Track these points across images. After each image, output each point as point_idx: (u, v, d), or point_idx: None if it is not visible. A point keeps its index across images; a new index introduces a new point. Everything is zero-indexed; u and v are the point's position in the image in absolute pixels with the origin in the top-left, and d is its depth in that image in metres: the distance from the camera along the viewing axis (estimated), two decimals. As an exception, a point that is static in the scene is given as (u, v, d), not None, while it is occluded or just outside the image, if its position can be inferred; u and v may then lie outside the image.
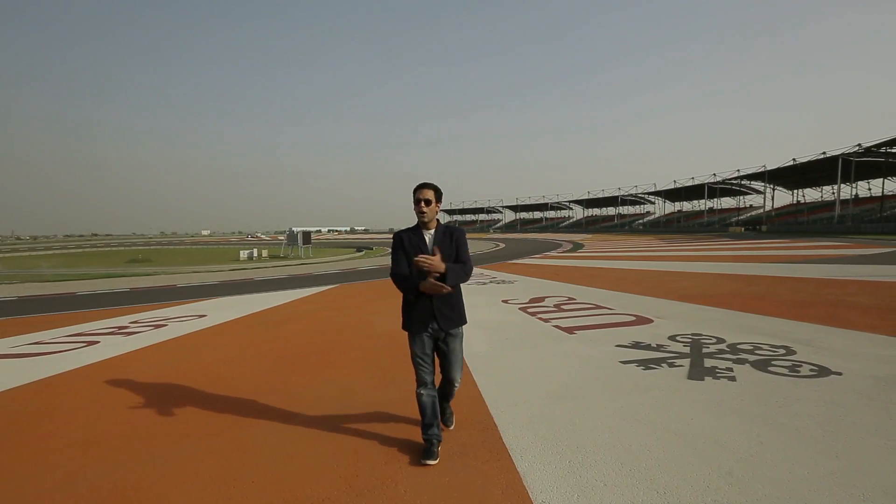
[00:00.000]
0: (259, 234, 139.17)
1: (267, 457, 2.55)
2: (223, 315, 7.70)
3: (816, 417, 2.76)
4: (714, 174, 63.31)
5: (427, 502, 2.06)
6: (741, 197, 70.39)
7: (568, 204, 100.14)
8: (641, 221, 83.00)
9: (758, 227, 51.39)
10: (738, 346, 4.42)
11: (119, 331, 6.58)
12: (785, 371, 3.64)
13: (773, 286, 8.74)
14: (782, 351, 4.22)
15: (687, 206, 79.71)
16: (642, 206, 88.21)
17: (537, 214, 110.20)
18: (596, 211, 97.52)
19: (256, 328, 6.60)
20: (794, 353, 4.16)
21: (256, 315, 7.72)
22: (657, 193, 78.95)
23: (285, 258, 31.01)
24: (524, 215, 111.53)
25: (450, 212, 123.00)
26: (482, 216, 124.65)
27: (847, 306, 6.35)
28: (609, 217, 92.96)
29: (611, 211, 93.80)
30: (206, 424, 3.05)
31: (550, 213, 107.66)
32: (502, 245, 37.64)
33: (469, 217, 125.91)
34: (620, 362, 4.06)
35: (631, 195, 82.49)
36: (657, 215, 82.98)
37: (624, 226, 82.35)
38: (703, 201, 71.50)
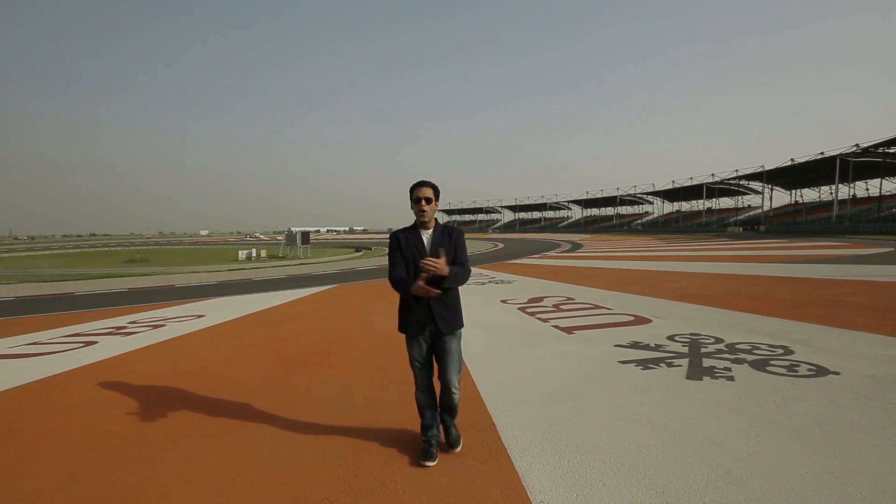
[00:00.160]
0: (258, 235, 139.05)
1: (266, 457, 2.55)
2: (222, 315, 7.69)
3: (815, 417, 2.77)
4: (712, 174, 63.41)
5: (426, 502, 2.06)
6: (739, 197, 70.56)
7: (566, 204, 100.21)
8: (640, 221, 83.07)
9: (756, 227, 51.48)
10: (737, 346, 4.43)
11: (117, 331, 6.57)
12: (783, 371, 3.65)
13: (772, 286, 8.76)
14: (780, 351, 4.23)
15: (685, 206, 79.84)
16: (641, 206, 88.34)
17: (536, 214, 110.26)
18: (594, 211, 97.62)
19: (255, 328, 6.59)
20: (792, 352, 4.16)
21: (255, 315, 7.71)
22: (656, 193, 79.06)
23: (284, 258, 30.98)
24: (523, 215, 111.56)
25: (448, 212, 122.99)
26: (481, 216, 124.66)
27: (845, 306, 6.37)
28: (608, 217, 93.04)
29: (609, 211, 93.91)
30: (204, 425, 3.05)
31: (549, 214, 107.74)
32: (501, 245, 37.67)
33: (468, 217, 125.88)
34: (619, 362, 4.07)
35: (629, 195, 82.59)
36: (656, 215, 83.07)
37: (623, 226, 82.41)
38: (701, 201, 71.63)
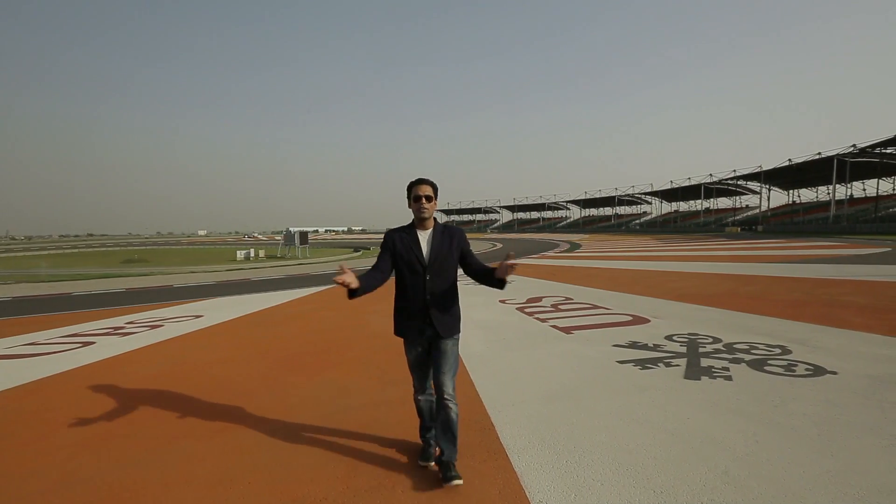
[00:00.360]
0: (256, 235, 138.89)
1: (264, 457, 2.54)
2: (220, 315, 7.67)
3: (812, 416, 2.78)
4: (711, 174, 63.60)
5: (425, 502, 2.06)
6: (737, 197, 70.77)
7: (565, 204, 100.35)
8: (638, 221, 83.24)
9: (754, 227, 51.62)
10: (735, 346, 4.44)
11: (115, 331, 6.55)
12: (781, 370, 3.66)
13: (769, 286, 8.78)
14: (778, 350, 4.24)
15: (683, 206, 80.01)
16: (639, 206, 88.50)
17: (534, 214, 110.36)
18: (593, 211, 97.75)
19: (254, 328, 6.58)
20: (789, 352, 4.18)
21: (254, 315, 7.70)
22: (654, 194, 79.22)
23: (282, 258, 30.94)
24: (521, 215, 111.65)
25: (447, 212, 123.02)
26: (479, 216, 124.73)
27: (842, 306, 6.39)
28: (606, 217, 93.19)
29: (608, 211, 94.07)
30: (202, 425, 3.04)
31: (548, 214, 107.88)
32: (499, 245, 37.69)
33: (466, 217, 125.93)
34: (617, 362, 4.07)
35: (628, 195, 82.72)
36: (654, 215, 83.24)
37: (621, 226, 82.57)
38: (699, 201, 71.83)
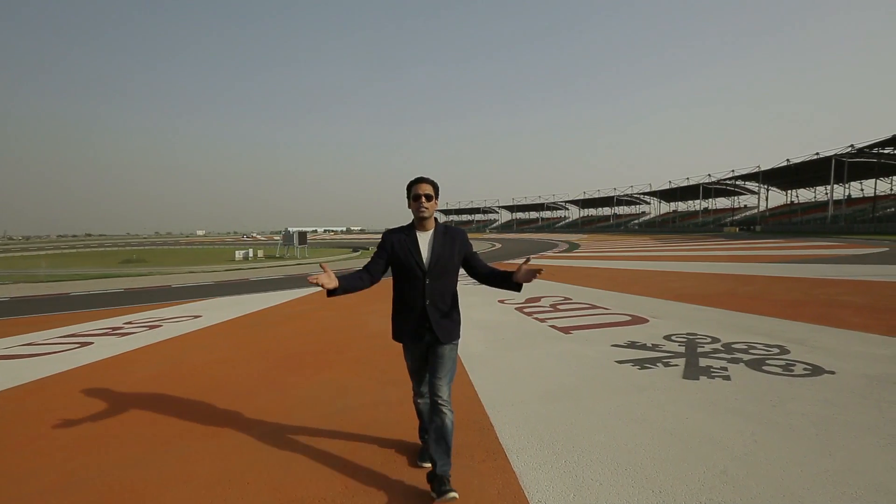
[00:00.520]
0: (255, 235, 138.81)
1: (263, 457, 2.54)
2: (218, 315, 7.66)
3: (810, 416, 2.78)
4: (709, 174, 63.73)
5: (423, 503, 2.06)
6: (736, 197, 70.94)
7: (564, 204, 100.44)
8: (637, 221, 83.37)
9: (752, 228, 51.74)
10: (733, 346, 4.44)
11: (113, 331, 6.53)
12: (779, 370, 3.67)
13: (768, 286, 8.80)
14: (776, 350, 4.25)
15: (682, 206, 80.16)
16: (638, 206, 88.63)
17: (533, 214, 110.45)
18: (592, 211, 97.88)
19: (252, 328, 6.57)
20: (787, 352, 4.18)
21: (252, 315, 7.69)
22: (653, 194, 79.35)
23: (281, 258, 30.91)
24: (520, 215, 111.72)
25: (446, 212, 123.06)
26: (478, 216, 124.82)
27: (840, 306, 6.41)
28: (605, 217, 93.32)
29: (606, 211, 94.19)
30: (201, 425, 3.04)
31: (546, 214, 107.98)
32: (498, 245, 37.72)
33: (465, 217, 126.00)
34: (616, 362, 4.08)
35: (626, 195, 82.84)
36: (653, 215, 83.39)
37: (620, 226, 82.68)
38: (698, 201, 71.98)
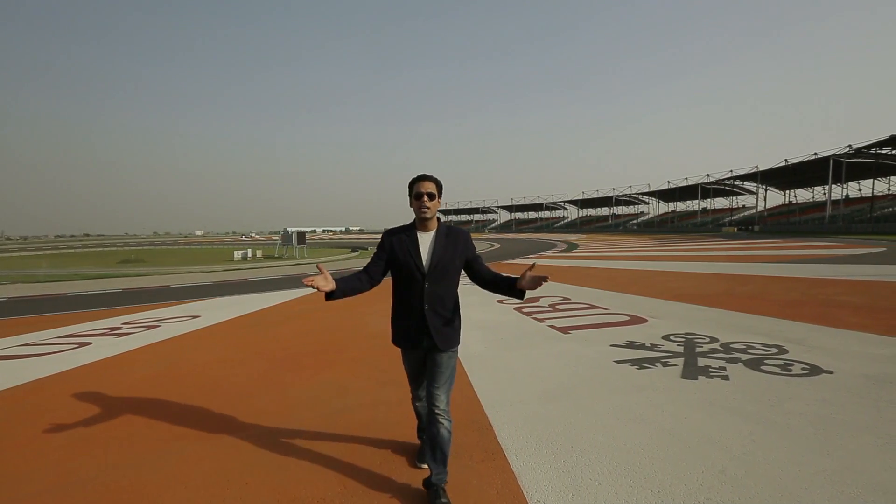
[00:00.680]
0: (254, 235, 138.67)
1: (261, 458, 2.53)
2: (217, 315, 7.65)
3: (808, 416, 2.79)
4: (707, 175, 63.86)
5: (422, 503, 2.06)
6: (734, 197, 71.11)
7: (563, 204, 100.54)
8: (636, 221, 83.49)
9: (750, 228, 51.87)
10: (732, 346, 4.45)
11: (111, 332, 6.52)
12: (777, 370, 3.67)
13: (766, 286, 8.82)
14: (775, 350, 4.26)
15: (681, 206, 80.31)
16: (636, 206, 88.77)
17: (532, 215, 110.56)
18: (590, 211, 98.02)
19: (251, 329, 6.56)
20: (786, 352, 4.19)
21: (251, 316, 7.68)
22: (651, 194, 79.49)
23: (280, 258, 30.88)
24: (519, 215, 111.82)
25: (445, 212, 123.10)
26: (477, 216, 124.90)
27: (838, 305, 6.42)
28: (604, 217, 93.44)
29: (605, 211, 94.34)
30: (200, 426, 3.03)
31: (545, 214, 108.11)
32: (497, 245, 37.73)
33: (464, 217, 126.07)
34: (615, 362, 4.08)
35: (625, 195, 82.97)
36: (651, 215, 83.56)
37: (618, 226, 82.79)
38: (696, 201, 72.08)
